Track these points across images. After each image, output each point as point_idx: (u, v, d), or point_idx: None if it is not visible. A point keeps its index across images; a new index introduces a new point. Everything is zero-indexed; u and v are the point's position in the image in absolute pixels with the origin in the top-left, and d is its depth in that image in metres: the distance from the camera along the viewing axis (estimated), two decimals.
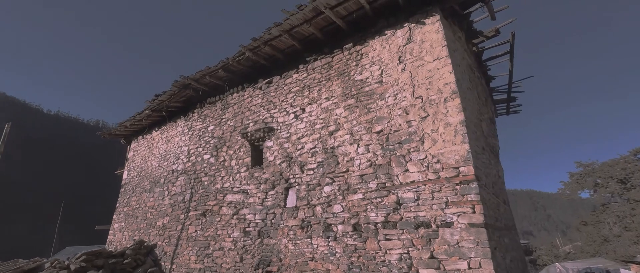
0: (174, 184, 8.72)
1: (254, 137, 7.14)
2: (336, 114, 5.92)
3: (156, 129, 10.33)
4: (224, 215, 7.02)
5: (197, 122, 8.87)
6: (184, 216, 7.97)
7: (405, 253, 4.41)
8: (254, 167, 6.98)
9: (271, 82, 7.37)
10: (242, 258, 6.30)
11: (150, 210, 9.21)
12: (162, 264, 7.87)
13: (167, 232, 8.24)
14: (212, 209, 7.36)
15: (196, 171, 8.20)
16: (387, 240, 4.63)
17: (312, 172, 5.87)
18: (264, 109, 7.24)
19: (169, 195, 8.74)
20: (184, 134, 9.13)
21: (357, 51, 6.09)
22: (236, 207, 6.85)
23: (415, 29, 5.47)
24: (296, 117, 6.55)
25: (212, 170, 7.78)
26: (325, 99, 6.20)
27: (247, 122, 7.45)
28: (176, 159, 9.00)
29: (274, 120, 6.92)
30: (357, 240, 4.90)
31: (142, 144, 10.84)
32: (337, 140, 5.74)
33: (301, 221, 5.67)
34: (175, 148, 9.24)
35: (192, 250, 7.36)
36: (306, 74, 6.73)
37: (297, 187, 6.01)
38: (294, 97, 6.74)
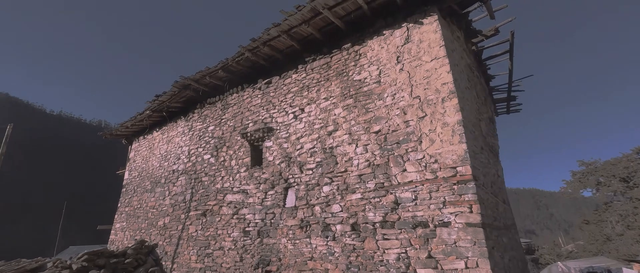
0: (175, 184, 8.77)
1: (254, 137, 7.17)
2: (335, 115, 5.93)
3: (157, 130, 10.38)
4: (224, 215, 7.06)
5: (197, 122, 8.91)
6: (184, 216, 8.02)
7: (403, 252, 4.43)
8: (253, 167, 7.01)
9: (270, 83, 7.39)
10: (242, 257, 6.33)
11: (151, 209, 9.27)
12: (163, 264, 7.93)
13: (168, 232, 8.29)
14: (212, 209, 7.40)
15: (196, 171, 8.24)
16: (385, 239, 4.64)
17: (311, 172, 5.89)
18: (264, 109, 7.26)
19: (169, 195, 8.79)
20: (184, 135, 9.17)
21: (356, 51, 6.09)
22: (236, 207, 6.89)
23: (413, 29, 5.47)
24: (295, 117, 6.56)
25: (212, 170, 7.82)
26: (324, 99, 6.22)
27: (247, 122, 7.48)
28: (177, 160, 9.05)
29: (273, 120, 6.94)
30: (356, 240, 4.92)
31: (143, 144, 10.90)
32: (335, 140, 5.75)
33: (300, 221, 5.70)
34: (175, 148, 9.28)
35: (192, 250, 7.40)
36: (305, 75, 6.74)
37: (296, 187, 6.03)
38: (293, 98, 6.76)
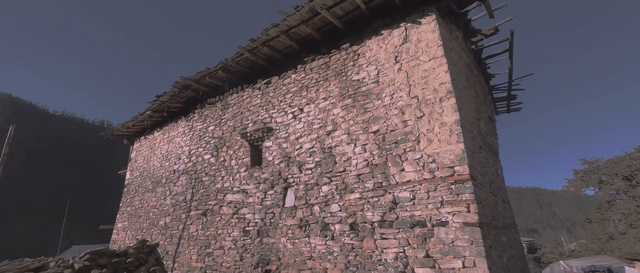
0: (176, 184, 8.82)
1: (253, 137, 7.20)
2: (334, 114, 5.95)
3: (158, 130, 10.43)
4: (224, 215, 7.10)
5: (197, 122, 8.95)
6: (185, 216, 8.07)
7: (401, 252, 4.45)
8: (253, 167, 7.04)
9: (270, 83, 7.41)
10: (242, 257, 6.37)
11: (152, 209, 9.33)
12: (164, 263, 7.98)
13: (169, 231, 8.35)
14: (212, 208, 7.44)
15: (197, 171, 8.29)
16: (383, 239, 4.66)
17: (310, 172, 5.91)
18: (263, 109, 7.29)
19: (170, 195, 8.84)
20: (185, 135, 9.22)
21: (354, 51, 6.10)
22: (236, 207, 6.92)
23: (411, 29, 5.47)
24: (294, 117, 6.59)
25: (213, 170, 7.86)
26: (322, 99, 6.23)
27: (247, 122, 7.51)
28: (177, 160, 9.10)
29: (273, 120, 6.97)
30: (354, 239, 4.94)
31: (144, 144, 10.96)
32: (334, 140, 5.77)
33: (299, 221, 5.72)
34: (176, 148, 9.33)
35: (193, 249, 7.45)
36: (304, 75, 6.76)
37: (295, 187, 6.06)
38: (292, 98, 6.78)
